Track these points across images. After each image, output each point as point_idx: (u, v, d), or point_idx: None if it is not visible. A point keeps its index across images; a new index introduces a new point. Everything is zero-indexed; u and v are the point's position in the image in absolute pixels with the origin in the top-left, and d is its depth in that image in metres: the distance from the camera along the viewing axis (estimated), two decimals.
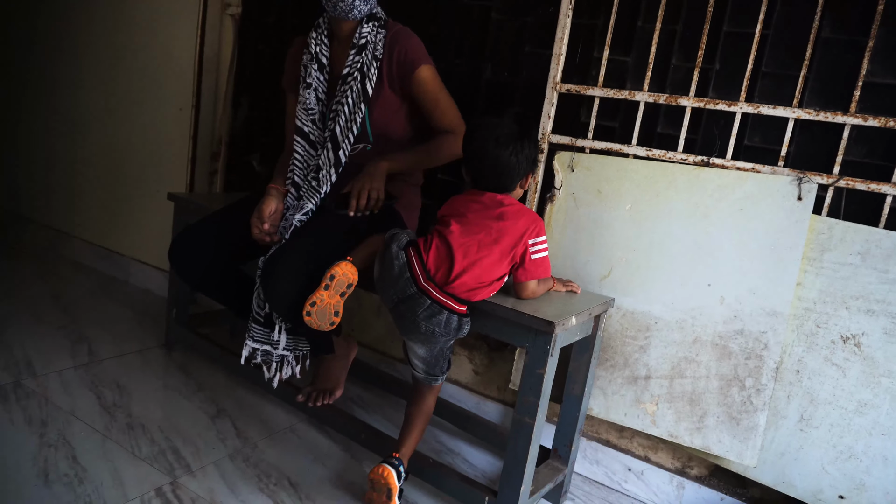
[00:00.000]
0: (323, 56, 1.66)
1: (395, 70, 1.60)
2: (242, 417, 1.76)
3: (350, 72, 1.60)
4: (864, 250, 1.34)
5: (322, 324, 1.39)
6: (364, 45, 1.60)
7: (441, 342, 1.37)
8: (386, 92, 1.63)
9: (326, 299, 1.37)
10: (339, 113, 1.60)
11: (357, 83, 1.59)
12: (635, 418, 1.58)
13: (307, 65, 1.66)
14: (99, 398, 1.74)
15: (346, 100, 1.60)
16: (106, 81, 2.66)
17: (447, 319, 1.32)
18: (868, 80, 1.37)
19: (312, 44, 1.66)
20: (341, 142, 1.61)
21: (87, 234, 2.84)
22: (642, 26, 1.61)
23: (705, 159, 1.51)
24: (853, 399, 1.36)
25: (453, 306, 1.32)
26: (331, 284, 1.37)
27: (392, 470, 1.37)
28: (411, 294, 1.31)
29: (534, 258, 1.35)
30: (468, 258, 1.31)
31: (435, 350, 1.40)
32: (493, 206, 1.35)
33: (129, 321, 2.29)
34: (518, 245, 1.33)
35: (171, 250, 1.66)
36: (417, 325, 1.32)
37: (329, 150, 1.61)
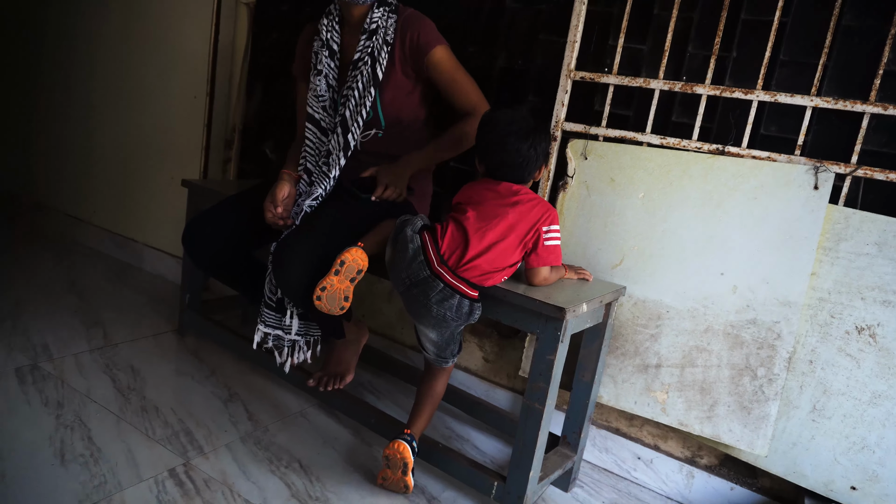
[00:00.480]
0: (334, 42, 1.66)
1: (408, 54, 1.60)
2: (254, 401, 1.78)
3: (361, 57, 1.60)
4: (881, 240, 1.33)
5: (332, 308, 1.40)
6: (375, 29, 1.59)
7: (452, 327, 1.38)
8: (398, 77, 1.63)
9: (336, 284, 1.38)
10: (350, 98, 1.61)
11: (367, 67, 1.59)
12: (645, 406, 1.58)
13: (318, 52, 1.66)
14: (114, 381, 1.76)
15: (357, 84, 1.60)
16: (121, 70, 2.68)
17: (459, 304, 1.32)
18: (889, 68, 1.35)
19: (323, 30, 1.66)
20: (350, 125, 1.61)
21: (102, 221, 2.87)
22: (658, 14, 1.60)
23: (720, 147, 1.50)
24: (867, 390, 1.35)
25: (466, 291, 1.32)
26: (341, 270, 1.38)
27: (406, 444, 1.41)
28: (424, 277, 1.32)
29: (547, 244, 1.35)
30: (484, 242, 1.32)
31: (446, 334, 1.41)
32: (509, 195, 1.36)
33: (142, 306, 2.32)
34: (531, 232, 1.34)
35: (185, 235, 1.68)
36: (429, 308, 1.33)
37: (339, 135, 1.62)
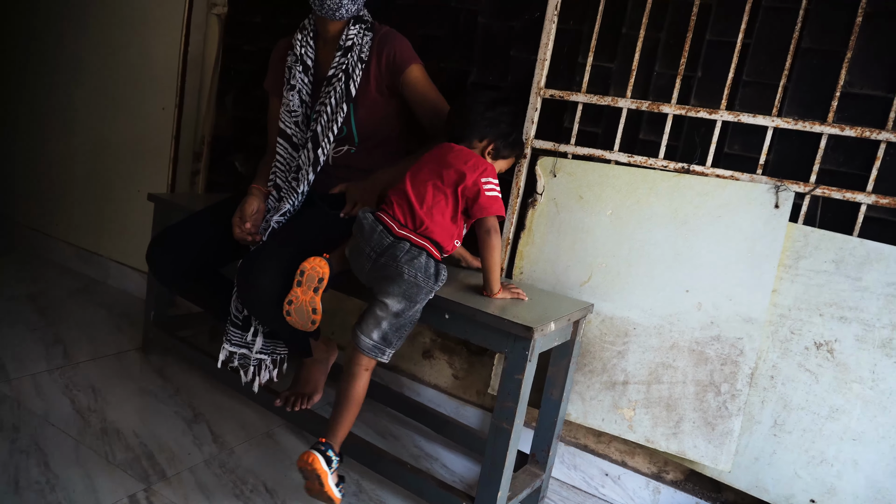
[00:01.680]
0: (308, 58, 1.65)
1: (384, 71, 1.61)
2: (220, 422, 1.74)
3: (335, 73, 1.60)
4: (838, 258, 1.36)
5: (304, 322, 1.38)
6: (350, 46, 1.59)
7: (423, 293, 1.35)
8: (373, 94, 1.62)
9: (301, 296, 1.37)
10: (322, 113, 1.60)
11: (341, 84, 1.59)
12: (613, 423, 1.58)
13: (291, 66, 1.65)
14: (73, 402, 1.71)
15: (330, 100, 1.59)
16: (87, 80, 2.63)
17: (426, 264, 1.34)
18: (846, 90, 1.39)
19: (297, 45, 1.65)
20: (321, 141, 1.60)
21: (66, 234, 2.80)
22: (627, 33, 1.62)
23: (686, 166, 1.52)
24: (825, 404, 1.38)
25: (431, 249, 1.35)
26: (302, 280, 1.37)
27: (318, 455, 1.32)
28: (390, 243, 1.34)
29: (488, 194, 1.38)
30: (426, 203, 1.37)
31: (410, 310, 1.34)
32: (445, 152, 1.42)
33: (106, 323, 2.26)
34: (467, 181, 1.37)
35: (149, 253, 1.64)
36: (401, 271, 1.32)
37: (309, 150, 1.61)
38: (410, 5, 1.92)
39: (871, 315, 1.32)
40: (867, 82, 1.38)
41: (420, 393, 1.96)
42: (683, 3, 1.55)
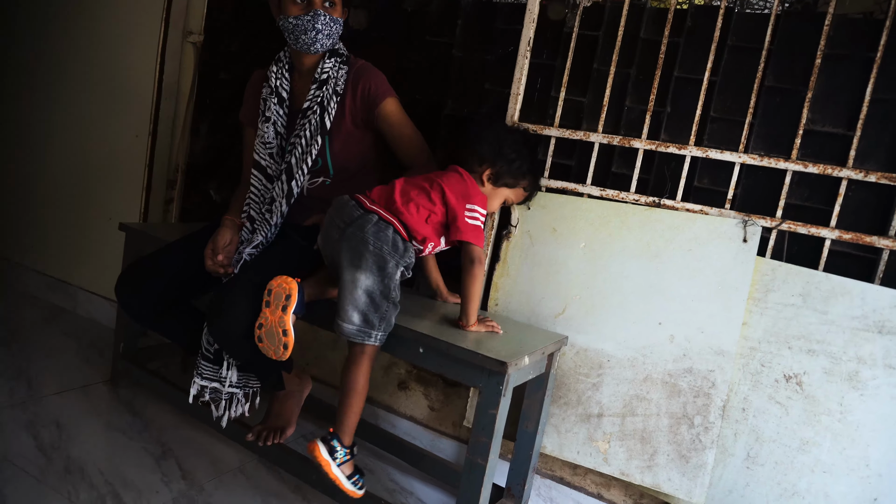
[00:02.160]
0: (283, 90, 1.65)
1: (359, 104, 1.62)
2: (190, 458, 1.70)
3: (310, 105, 1.60)
4: (804, 292, 1.39)
5: (275, 346, 1.36)
6: (325, 79, 1.60)
7: (390, 266, 1.34)
8: (348, 126, 1.63)
9: (270, 317, 1.35)
10: (296, 146, 1.60)
11: (316, 116, 1.59)
12: (588, 456, 1.58)
13: (266, 98, 1.66)
14: (35, 439, 1.65)
15: (305, 132, 1.60)
16: (59, 107, 2.59)
17: (394, 238, 1.36)
18: (809, 127, 1.43)
19: (273, 77, 1.66)
20: (295, 172, 1.60)
21: (33, 262, 2.74)
22: (598, 68, 1.66)
23: (657, 200, 1.55)
24: (796, 437, 1.39)
25: (398, 227, 1.38)
26: (270, 300, 1.35)
27: (320, 444, 1.33)
28: (358, 215, 1.38)
29: (469, 222, 1.40)
30: (406, 197, 1.41)
31: (380, 286, 1.33)
32: (446, 171, 1.47)
33: (74, 354, 2.20)
34: (452, 198, 1.40)
35: (118, 286, 1.61)
36: (367, 242, 1.34)
37: (283, 182, 1.61)
38: (386, 37, 1.94)
39: (837, 348, 1.35)
40: (828, 120, 1.43)
41: (395, 425, 1.94)
42: (652, 41, 1.59)
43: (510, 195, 1.55)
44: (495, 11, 1.78)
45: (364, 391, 1.39)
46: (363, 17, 1.99)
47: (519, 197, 1.58)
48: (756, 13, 1.54)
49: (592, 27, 1.65)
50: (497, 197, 1.53)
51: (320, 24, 1.54)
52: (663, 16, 1.57)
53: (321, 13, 1.53)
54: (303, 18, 1.53)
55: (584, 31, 1.66)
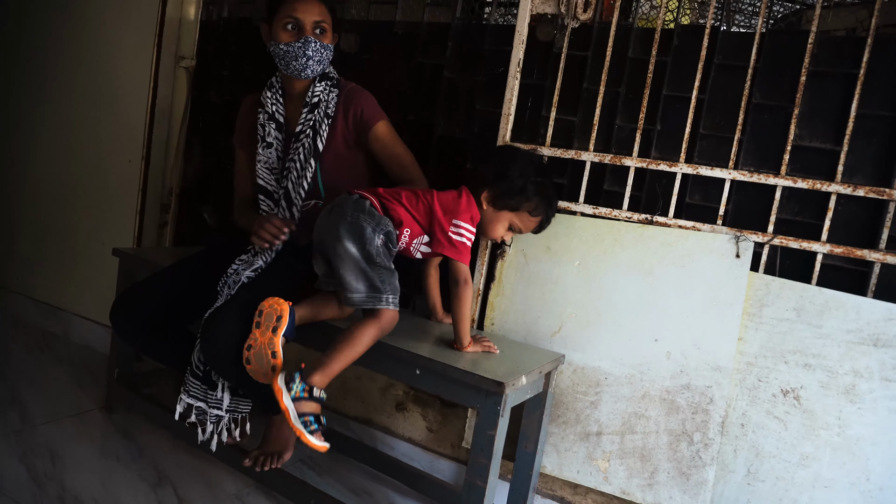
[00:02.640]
0: (279, 115, 1.68)
1: (351, 127, 1.63)
2: (186, 484, 1.68)
3: (303, 129, 1.62)
4: (798, 306, 1.39)
5: (263, 370, 1.35)
6: (317, 103, 1.62)
7: (367, 232, 1.36)
8: (340, 149, 1.64)
9: (259, 338, 1.35)
10: (291, 170, 1.62)
11: (309, 139, 1.61)
12: (588, 475, 1.57)
13: (265, 124, 1.68)
14: (29, 469, 1.63)
15: (299, 156, 1.61)
16: (52, 132, 2.60)
17: (369, 209, 1.39)
18: (797, 143, 1.45)
19: (268, 103, 1.68)
20: (294, 199, 1.61)
21: (26, 288, 2.72)
22: (587, 88, 1.67)
23: (649, 217, 1.56)
24: (796, 452, 1.39)
25: (374, 201, 1.41)
26: (261, 321, 1.35)
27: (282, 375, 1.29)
28: (342, 198, 1.43)
29: (453, 238, 1.41)
30: (395, 194, 1.45)
31: (364, 249, 1.35)
32: (448, 191, 1.48)
33: (68, 381, 2.18)
34: (438, 209, 1.43)
35: (113, 312, 1.61)
36: (344, 215, 1.38)
37: (284, 209, 1.63)
38: (376, 60, 1.96)
39: (833, 362, 1.35)
40: (816, 136, 1.44)
41: (394, 447, 1.93)
42: (640, 60, 1.61)
43: (515, 220, 1.50)
44: (485, 33, 1.80)
45: (359, 349, 1.33)
46: (354, 39, 2.01)
47: (528, 224, 1.51)
48: (741, 32, 1.57)
49: (581, 47, 1.67)
50: (498, 221, 1.50)
51: (311, 50, 1.56)
52: (650, 35, 1.59)
53: (312, 40, 1.55)
54: (293, 45, 1.55)
55: (573, 51, 1.68)
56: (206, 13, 2.32)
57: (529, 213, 1.50)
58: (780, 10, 1.82)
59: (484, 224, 1.51)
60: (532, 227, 1.53)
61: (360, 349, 1.33)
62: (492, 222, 1.50)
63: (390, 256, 1.42)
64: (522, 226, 1.51)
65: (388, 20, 1.96)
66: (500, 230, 1.52)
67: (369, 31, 1.98)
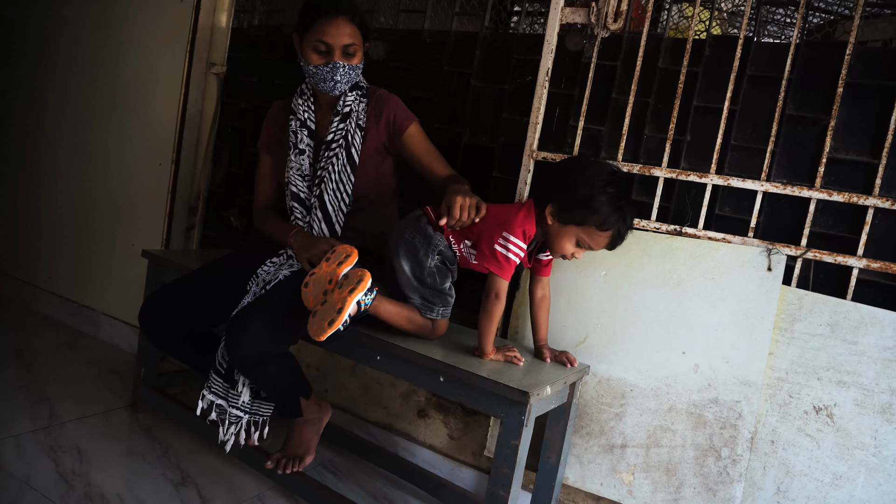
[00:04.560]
0: (311, 122, 1.70)
1: (383, 134, 1.65)
2: (209, 485, 1.69)
3: (335, 138, 1.64)
4: (832, 321, 1.36)
5: (315, 297, 1.36)
6: (348, 112, 1.64)
7: (420, 256, 1.45)
8: (371, 156, 1.66)
9: (325, 268, 1.39)
10: (326, 180, 1.63)
11: (342, 150, 1.63)
12: (612, 488, 1.55)
13: (297, 131, 1.69)
14: (57, 465, 1.66)
15: (332, 167, 1.63)
16: (86, 136, 2.66)
17: (424, 227, 1.46)
18: (832, 155, 1.43)
19: (300, 110, 1.70)
20: (332, 212, 1.64)
21: (56, 287, 2.78)
22: (616, 98, 1.67)
23: (678, 228, 1.54)
24: (828, 471, 1.35)
25: (432, 218, 1.47)
26: (331, 256, 1.40)
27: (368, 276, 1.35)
28: (410, 214, 1.53)
29: (497, 249, 1.39)
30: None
31: (417, 269, 1.45)
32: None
33: (95, 380, 2.22)
34: (490, 219, 1.42)
35: (142, 313, 1.63)
36: (403, 233, 1.47)
37: (319, 220, 1.64)
38: (404, 68, 1.97)
39: (869, 380, 1.32)
40: (851, 148, 1.42)
41: (415, 453, 1.92)
42: (671, 71, 1.60)
43: (583, 236, 1.37)
44: (513, 42, 1.81)
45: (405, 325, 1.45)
46: (382, 48, 2.03)
47: (598, 240, 1.37)
48: (775, 42, 1.55)
49: (611, 57, 1.67)
50: (564, 236, 1.38)
51: (339, 75, 1.58)
52: (681, 46, 1.58)
53: (340, 65, 1.56)
54: (322, 69, 1.57)
55: (602, 60, 1.67)
56: (237, 21, 2.36)
57: (597, 228, 1.35)
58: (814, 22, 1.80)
59: (550, 239, 1.42)
60: (603, 243, 1.38)
61: (407, 326, 1.45)
62: (557, 237, 1.39)
63: (448, 272, 1.49)
64: (591, 242, 1.38)
65: (416, 29, 1.97)
66: (568, 246, 1.39)
67: (397, 39, 2.00)
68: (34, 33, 2.84)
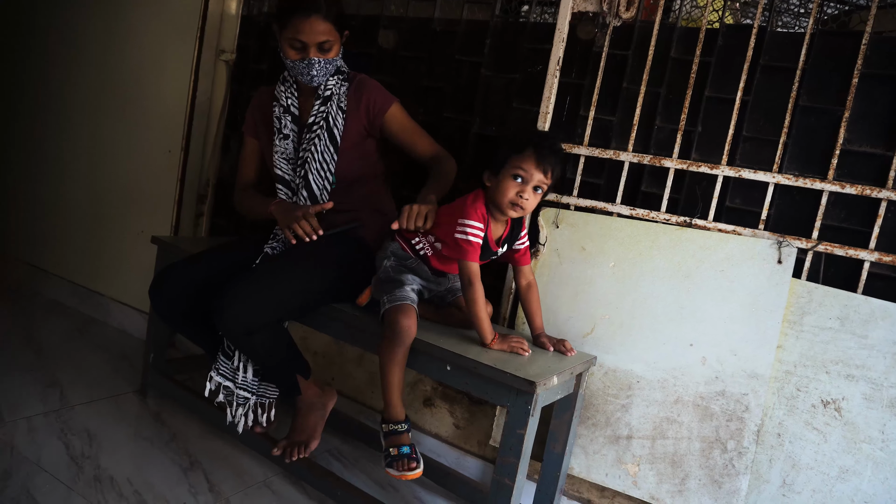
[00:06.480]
0: (294, 108, 1.74)
1: (364, 116, 1.69)
2: (216, 470, 1.71)
3: (316, 120, 1.68)
4: (843, 315, 1.35)
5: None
6: (329, 96, 1.69)
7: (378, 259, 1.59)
8: (354, 140, 1.70)
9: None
10: (309, 160, 1.67)
11: (324, 131, 1.67)
12: (617, 479, 1.55)
13: (280, 117, 1.74)
14: (67, 448, 1.68)
15: (315, 147, 1.67)
16: (96, 121, 2.67)
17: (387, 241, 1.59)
18: (845, 147, 1.41)
19: (283, 97, 1.74)
20: (316, 190, 1.67)
21: (67, 272, 2.80)
22: (627, 87, 1.65)
23: (688, 220, 1.53)
24: (835, 465, 1.35)
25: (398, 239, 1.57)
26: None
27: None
28: None
29: (457, 237, 1.40)
30: None
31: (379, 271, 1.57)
32: None
33: (104, 365, 2.24)
34: (443, 217, 1.47)
35: (153, 287, 1.65)
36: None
37: (306, 199, 1.68)
38: (414, 57, 1.96)
39: (878, 374, 1.31)
40: (866, 140, 1.40)
41: (421, 442, 1.93)
42: (683, 60, 1.58)
43: (511, 171, 1.36)
44: (524, 31, 1.79)
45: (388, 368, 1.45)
46: (392, 37, 2.02)
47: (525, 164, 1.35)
48: (789, 32, 1.53)
49: (622, 46, 1.65)
50: (501, 184, 1.38)
51: (315, 70, 1.62)
52: (693, 35, 1.56)
53: (316, 61, 1.60)
54: (298, 64, 1.61)
55: (613, 50, 1.66)
56: (247, 8, 2.36)
57: (517, 154, 1.37)
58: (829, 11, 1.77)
59: (495, 198, 1.40)
60: (532, 163, 1.35)
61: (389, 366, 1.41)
62: (497, 190, 1.39)
63: (404, 269, 1.54)
64: (522, 171, 1.35)
65: (426, 17, 1.96)
66: (509, 189, 1.37)
67: (407, 27, 1.99)
68: (42, 21, 2.84)
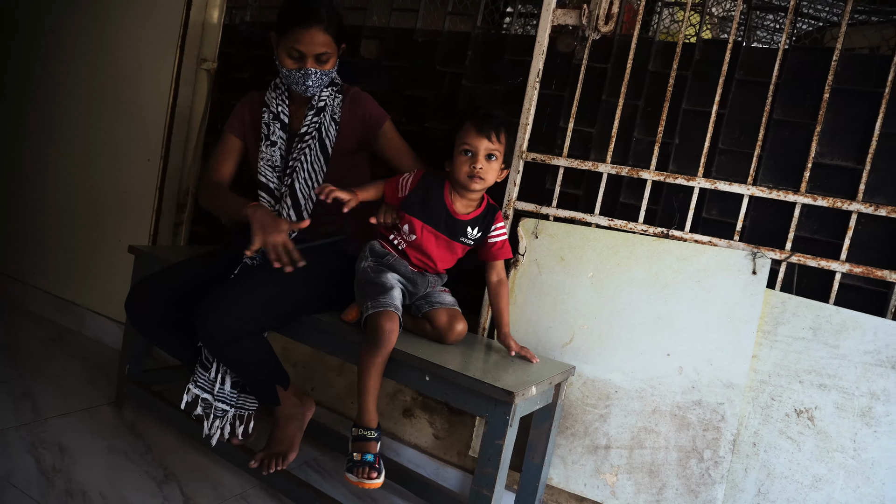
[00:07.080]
0: (284, 115, 1.73)
1: (357, 130, 1.70)
2: (192, 483, 1.68)
3: (308, 130, 1.68)
4: (815, 325, 1.37)
5: None
6: (322, 107, 1.68)
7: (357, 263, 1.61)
8: (344, 151, 1.70)
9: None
10: (298, 169, 1.67)
11: (315, 142, 1.67)
12: (595, 489, 1.55)
13: (269, 123, 1.72)
14: (38, 462, 1.64)
15: (304, 157, 1.66)
16: (73, 131, 2.63)
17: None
18: (818, 160, 1.44)
19: (273, 104, 1.72)
20: (301, 200, 1.66)
21: (41, 282, 2.75)
22: (606, 100, 1.67)
23: (665, 231, 1.55)
24: (808, 473, 1.36)
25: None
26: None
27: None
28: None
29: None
30: None
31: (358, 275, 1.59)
32: None
33: (79, 376, 2.20)
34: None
35: (129, 299, 1.63)
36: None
37: (289, 208, 1.66)
38: (397, 67, 1.97)
39: (849, 383, 1.33)
40: (837, 153, 1.43)
41: (400, 453, 1.92)
42: (660, 74, 1.61)
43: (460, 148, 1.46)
44: (505, 43, 1.81)
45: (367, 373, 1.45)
46: (375, 47, 2.02)
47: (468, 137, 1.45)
48: (764, 48, 1.56)
49: (601, 59, 1.68)
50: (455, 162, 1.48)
51: (311, 81, 1.62)
52: (671, 49, 1.59)
53: (312, 71, 1.60)
54: (294, 73, 1.61)
55: (592, 63, 1.68)
56: (229, 17, 2.35)
57: (462, 133, 1.46)
58: (803, 28, 1.81)
59: (453, 177, 1.50)
60: (474, 134, 1.45)
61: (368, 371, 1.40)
62: (453, 170, 1.49)
63: (383, 268, 1.53)
64: (469, 145, 1.45)
65: (408, 28, 1.97)
66: (462, 166, 1.46)
67: (390, 38, 2.00)
68: (17, 30, 2.81)
